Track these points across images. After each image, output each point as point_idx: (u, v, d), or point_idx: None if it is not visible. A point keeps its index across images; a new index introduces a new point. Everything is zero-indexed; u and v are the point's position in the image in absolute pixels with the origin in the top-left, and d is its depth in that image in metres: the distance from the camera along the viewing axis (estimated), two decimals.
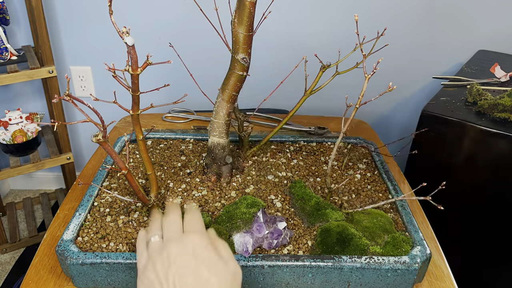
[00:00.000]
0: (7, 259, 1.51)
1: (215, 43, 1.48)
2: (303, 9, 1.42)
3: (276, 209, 0.76)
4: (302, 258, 0.64)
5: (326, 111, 1.57)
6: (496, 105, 1.00)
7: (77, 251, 0.64)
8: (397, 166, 0.97)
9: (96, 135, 0.58)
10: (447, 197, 1.08)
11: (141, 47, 0.94)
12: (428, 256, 0.65)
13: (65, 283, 0.66)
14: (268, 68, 1.52)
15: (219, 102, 0.77)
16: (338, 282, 0.65)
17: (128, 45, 0.54)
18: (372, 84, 1.48)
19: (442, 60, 1.50)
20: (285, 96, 1.48)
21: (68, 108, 1.62)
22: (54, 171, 1.78)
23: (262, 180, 0.83)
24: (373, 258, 0.64)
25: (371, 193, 0.81)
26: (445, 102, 1.08)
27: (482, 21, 1.42)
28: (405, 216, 0.73)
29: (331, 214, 0.72)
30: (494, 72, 1.23)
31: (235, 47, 0.72)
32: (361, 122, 1.17)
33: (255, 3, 0.68)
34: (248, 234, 0.65)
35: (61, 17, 1.44)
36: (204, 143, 0.96)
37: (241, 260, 0.63)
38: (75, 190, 0.86)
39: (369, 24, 1.43)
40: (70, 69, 1.54)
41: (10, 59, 1.30)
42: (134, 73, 0.59)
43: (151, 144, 0.95)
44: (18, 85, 1.55)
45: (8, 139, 1.37)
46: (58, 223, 0.78)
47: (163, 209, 0.75)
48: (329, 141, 0.98)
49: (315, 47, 1.47)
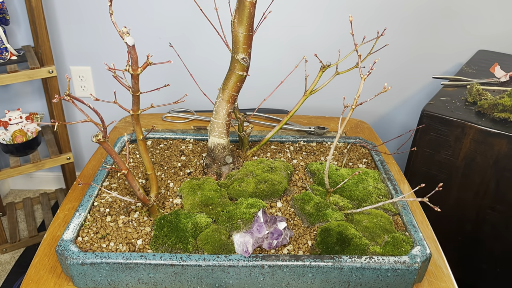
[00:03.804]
0: (7, 259, 1.51)
1: (215, 43, 1.49)
2: (303, 9, 1.42)
3: (276, 209, 0.76)
4: (302, 258, 0.64)
5: (326, 111, 1.57)
6: (496, 105, 1.00)
7: (77, 251, 0.64)
8: (397, 166, 0.97)
9: (96, 135, 0.58)
10: (447, 197, 1.08)
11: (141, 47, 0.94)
12: (428, 256, 0.65)
13: (65, 283, 0.66)
14: (268, 68, 1.52)
15: (219, 102, 0.77)
16: (338, 282, 0.65)
17: (129, 45, 0.54)
18: (373, 84, 1.48)
19: (442, 60, 1.50)
20: (285, 96, 1.49)
21: (68, 108, 1.62)
22: (54, 171, 1.78)
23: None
24: (373, 258, 0.64)
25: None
26: (445, 102, 1.08)
27: (482, 21, 1.42)
28: (405, 216, 0.73)
29: (331, 214, 0.72)
30: (494, 72, 1.23)
31: (235, 47, 0.72)
32: (361, 122, 1.17)
33: (255, 3, 0.68)
34: (248, 234, 0.65)
35: (61, 17, 1.44)
36: (204, 143, 0.96)
37: (241, 260, 0.63)
38: (75, 190, 0.86)
39: (369, 24, 1.43)
40: (70, 69, 1.54)
41: (10, 59, 1.30)
42: (134, 73, 0.59)
43: (151, 144, 0.95)
44: (18, 85, 1.55)
45: (8, 139, 1.37)
46: (58, 223, 0.78)
47: (163, 209, 0.75)
48: (329, 141, 0.98)
49: (315, 47, 1.47)
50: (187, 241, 0.66)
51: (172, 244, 0.66)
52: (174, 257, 0.63)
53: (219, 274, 0.64)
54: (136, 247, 0.67)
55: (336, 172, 0.83)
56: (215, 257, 0.63)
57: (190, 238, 0.67)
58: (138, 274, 0.64)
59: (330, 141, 0.98)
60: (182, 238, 0.67)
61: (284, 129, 1.09)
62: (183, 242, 0.66)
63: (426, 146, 1.06)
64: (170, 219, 0.70)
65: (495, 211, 1.03)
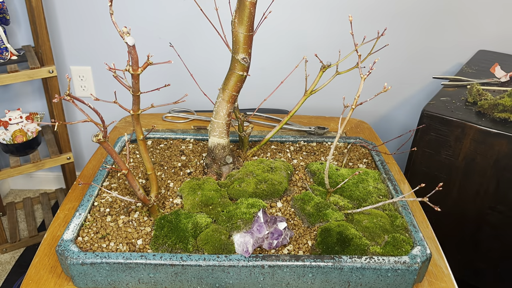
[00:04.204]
0: (7, 259, 1.51)
1: (215, 43, 1.49)
2: (303, 9, 1.42)
3: (276, 209, 0.76)
4: (302, 258, 0.64)
5: (326, 111, 1.57)
6: (496, 105, 1.00)
7: (77, 251, 0.64)
8: (397, 166, 0.97)
9: (97, 135, 0.58)
10: (447, 197, 1.08)
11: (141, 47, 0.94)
12: (428, 256, 0.65)
13: (65, 283, 0.66)
14: (268, 68, 1.52)
15: (219, 102, 0.77)
16: (338, 282, 0.65)
17: (129, 45, 0.54)
18: (373, 84, 1.48)
19: (442, 60, 1.50)
20: (285, 96, 1.49)
21: (68, 108, 1.62)
22: (54, 171, 1.78)
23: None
24: (373, 258, 0.64)
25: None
26: (445, 102, 1.08)
27: (482, 21, 1.42)
28: (405, 216, 0.73)
29: (331, 214, 0.72)
30: (494, 72, 1.23)
31: (235, 47, 0.72)
32: (361, 122, 1.17)
33: (255, 3, 0.68)
34: (248, 234, 0.65)
35: (61, 17, 1.44)
36: (204, 143, 0.96)
37: (241, 260, 0.63)
38: (75, 190, 0.86)
39: (369, 24, 1.43)
40: (70, 69, 1.54)
41: (10, 59, 1.30)
42: (135, 73, 0.59)
43: (151, 144, 0.95)
44: (18, 85, 1.55)
45: (8, 139, 1.37)
46: (58, 223, 0.78)
47: (163, 209, 0.75)
48: (329, 141, 0.98)
49: (315, 47, 1.47)
50: (187, 241, 0.66)
51: (172, 244, 0.66)
52: (174, 257, 0.63)
53: (219, 274, 0.64)
54: (136, 247, 0.67)
55: (336, 172, 0.83)
56: (215, 257, 0.63)
57: (190, 238, 0.67)
58: (138, 274, 0.64)
59: (330, 141, 0.98)
60: (182, 238, 0.67)
61: (284, 129, 1.09)
62: (183, 242, 0.66)
63: (426, 146, 1.06)
64: (170, 219, 0.70)
65: (495, 211, 1.03)
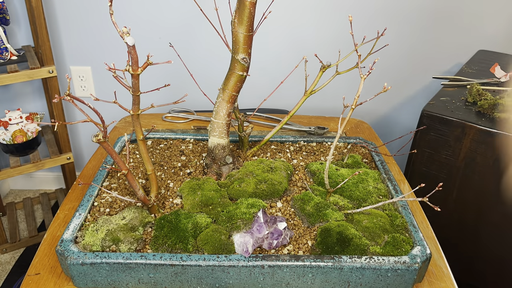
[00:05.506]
0: (7, 259, 1.51)
1: (215, 43, 1.48)
2: (303, 9, 1.42)
3: (276, 209, 0.76)
4: (302, 258, 0.64)
5: (326, 111, 1.57)
6: (496, 105, 1.00)
7: (77, 251, 0.64)
8: (397, 166, 0.97)
9: (97, 135, 0.58)
10: (447, 197, 1.08)
11: (141, 47, 0.94)
12: (428, 256, 0.65)
13: (65, 283, 0.66)
14: (268, 68, 1.52)
15: (219, 102, 0.77)
16: (338, 282, 0.65)
17: (129, 45, 0.54)
18: (373, 84, 1.48)
19: (442, 60, 1.50)
20: (285, 96, 1.49)
21: (68, 108, 1.62)
22: (54, 171, 1.78)
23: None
24: (373, 258, 0.64)
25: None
26: (445, 102, 1.08)
27: (482, 21, 1.42)
28: (405, 216, 0.73)
29: (331, 214, 0.72)
30: (494, 72, 1.23)
31: (235, 47, 0.72)
32: (361, 122, 1.17)
33: (255, 3, 0.68)
34: (248, 234, 0.65)
35: (61, 17, 1.44)
36: (204, 143, 0.96)
37: (241, 260, 0.63)
38: (75, 190, 0.86)
39: (369, 24, 1.43)
40: (70, 69, 1.54)
41: (10, 59, 1.30)
42: (135, 73, 0.59)
43: (151, 144, 0.95)
44: (18, 85, 1.55)
45: (8, 139, 1.37)
46: (58, 223, 0.78)
47: (163, 209, 0.75)
48: (329, 141, 0.98)
49: (315, 47, 1.47)
50: (187, 241, 0.66)
51: (172, 244, 0.66)
52: (174, 257, 0.63)
53: (219, 274, 0.64)
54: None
55: (336, 172, 0.83)
56: (215, 257, 0.63)
57: (190, 238, 0.67)
58: (138, 274, 0.64)
59: (330, 141, 0.98)
60: (182, 238, 0.67)
61: (284, 129, 1.09)
62: (183, 242, 0.66)
63: (426, 146, 1.06)
64: (170, 219, 0.70)
65: (495, 211, 1.03)
